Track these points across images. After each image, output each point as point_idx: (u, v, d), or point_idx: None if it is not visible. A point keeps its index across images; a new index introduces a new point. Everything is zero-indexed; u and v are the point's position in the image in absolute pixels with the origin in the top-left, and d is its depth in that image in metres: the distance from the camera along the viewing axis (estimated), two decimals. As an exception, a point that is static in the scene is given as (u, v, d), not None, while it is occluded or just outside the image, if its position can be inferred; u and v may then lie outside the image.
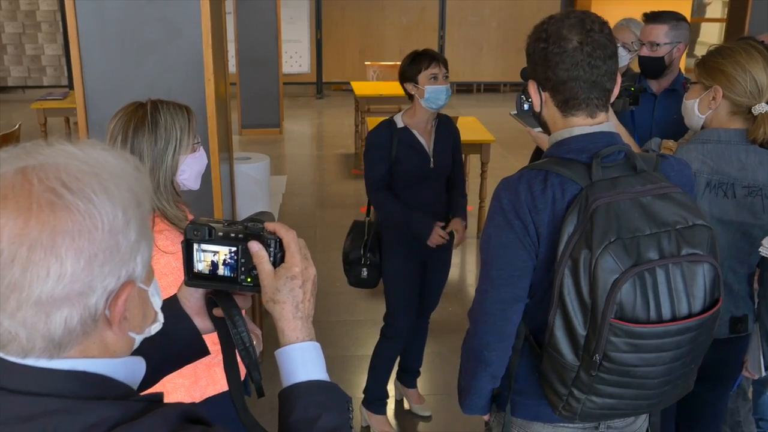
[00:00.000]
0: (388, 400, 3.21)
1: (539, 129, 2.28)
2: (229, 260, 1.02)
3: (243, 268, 1.01)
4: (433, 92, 2.80)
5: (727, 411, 2.42)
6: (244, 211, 3.70)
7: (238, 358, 1.06)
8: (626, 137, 2.13)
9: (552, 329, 1.41)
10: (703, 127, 2.05)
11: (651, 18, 2.83)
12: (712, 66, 1.99)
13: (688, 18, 10.42)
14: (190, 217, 1.82)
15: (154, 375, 1.04)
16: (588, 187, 1.39)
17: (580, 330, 1.38)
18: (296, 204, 5.90)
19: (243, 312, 1.08)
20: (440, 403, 3.34)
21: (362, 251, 2.98)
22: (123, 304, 0.78)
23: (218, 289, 1.06)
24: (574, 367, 1.41)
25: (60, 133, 7.21)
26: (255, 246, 1.00)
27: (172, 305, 1.07)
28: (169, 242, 1.70)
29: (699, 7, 11.42)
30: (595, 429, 1.58)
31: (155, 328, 0.89)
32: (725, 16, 9.76)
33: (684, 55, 2.92)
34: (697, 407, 2.23)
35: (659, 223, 1.36)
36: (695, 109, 2.03)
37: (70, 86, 8.19)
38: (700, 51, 11.56)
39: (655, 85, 2.88)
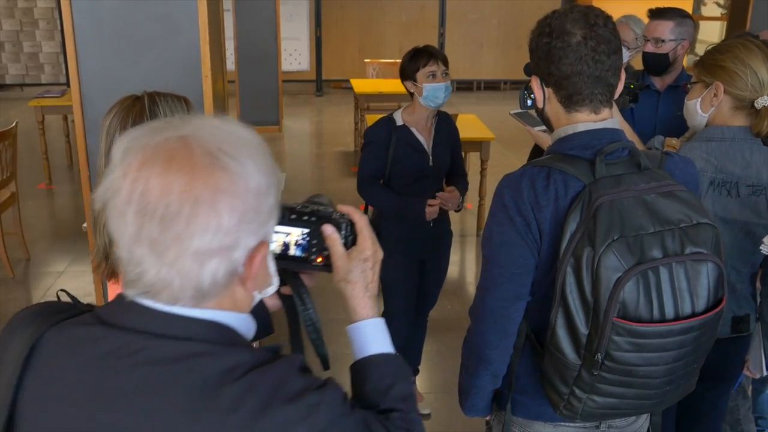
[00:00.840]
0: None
1: (539, 128, 2.27)
2: (301, 241, 1.08)
3: (314, 249, 1.08)
4: (431, 90, 2.77)
5: (727, 409, 2.41)
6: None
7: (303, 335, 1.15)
8: (630, 134, 2.11)
9: (554, 328, 1.40)
10: (706, 126, 2.03)
11: (656, 14, 2.82)
12: (711, 63, 1.97)
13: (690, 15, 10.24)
14: None
15: None
16: (591, 184, 1.37)
17: (582, 329, 1.36)
18: (294, 201, 5.88)
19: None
20: (440, 401, 3.32)
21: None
22: (259, 261, 0.87)
23: (287, 269, 1.10)
24: (576, 366, 1.39)
25: (58, 131, 7.19)
26: (329, 229, 1.07)
27: None
28: None
29: (698, 6, 11.41)
30: (596, 428, 1.56)
31: (270, 290, 0.97)
32: (723, 15, 9.75)
33: (686, 52, 2.91)
34: (697, 406, 2.22)
35: (663, 222, 1.34)
36: (697, 108, 2.02)
37: (68, 84, 8.18)
38: (700, 49, 11.56)
39: (659, 82, 2.87)
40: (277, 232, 1.06)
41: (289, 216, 1.07)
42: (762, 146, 1.95)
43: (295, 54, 10.57)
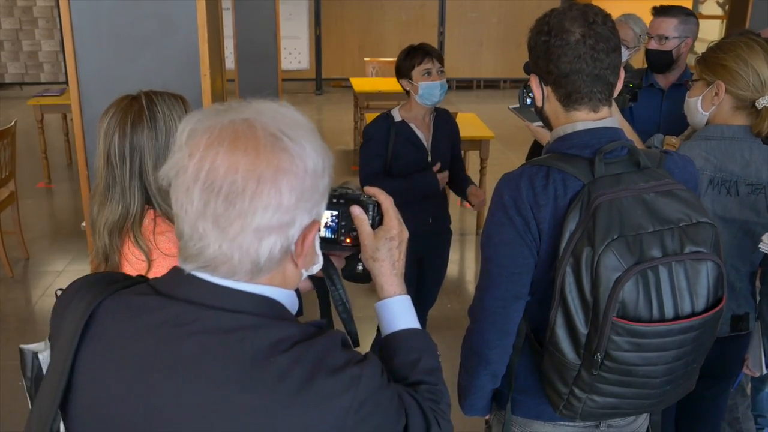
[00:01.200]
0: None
1: (539, 123, 2.26)
2: (330, 223, 1.12)
3: (343, 230, 1.13)
4: (426, 88, 2.76)
5: (726, 408, 2.41)
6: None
7: (333, 314, 1.20)
8: (629, 133, 2.11)
9: (553, 327, 1.40)
10: (706, 124, 2.02)
11: (660, 11, 2.81)
12: (713, 61, 1.96)
13: (689, 14, 10.18)
14: None
15: None
16: (590, 184, 1.37)
17: (582, 328, 1.36)
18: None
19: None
20: (439, 401, 3.32)
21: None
22: (311, 240, 0.92)
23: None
24: (576, 366, 1.39)
25: (57, 130, 7.18)
26: (357, 210, 1.12)
27: None
28: (171, 244, 1.59)
29: (696, 4, 11.40)
30: (596, 428, 1.56)
31: (316, 268, 1.02)
32: (721, 14, 9.74)
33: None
34: (697, 405, 2.21)
35: (662, 221, 1.34)
36: (698, 106, 2.01)
37: (68, 83, 8.17)
38: (699, 48, 11.53)
39: (663, 80, 2.86)
40: None
41: None
42: (761, 145, 1.95)
43: (294, 53, 10.56)
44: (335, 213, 1.12)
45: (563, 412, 1.46)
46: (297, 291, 1.15)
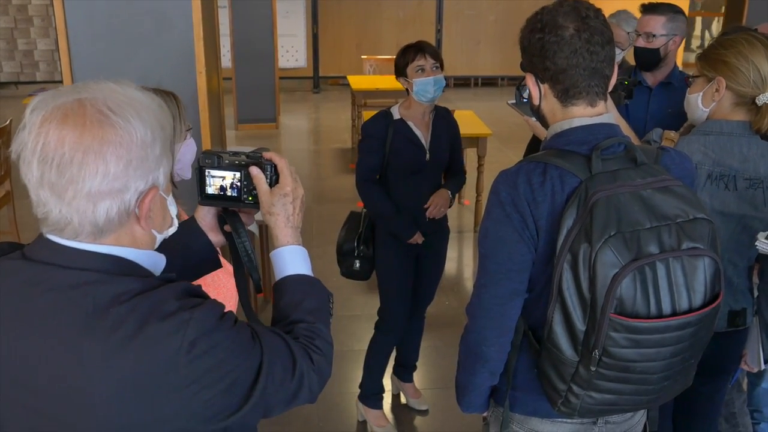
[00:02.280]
0: (384, 395, 3.19)
1: None
2: (236, 183, 1.26)
3: (245, 189, 1.26)
4: (420, 85, 2.76)
5: (723, 403, 2.41)
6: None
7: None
8: (626, 129, 2.11)
9: (551, 324, 1.39)
10: (706, 120, 2.02)
11: (648, 9, 2.80)
12: (714, 58, 1.96)
13: (686, 12, 10.38)
14: (184, 216, 1.78)
15: None
16: (587, 180, 1.36)
17: (580, 325, 1.36)
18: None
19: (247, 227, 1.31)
20: (437, 397, 3.32)
21: (356, 243, 2.95)
22: (149, 203, 1.02)
23: (226, 208, 1.30)
24: (573, 363, 1.39)
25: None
26: (255, 170, 1.25)
27: (190, 223, 1.33)
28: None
29: (694, 2, 11.40)
30: (594, 424, 1.56)
31: (171, 230, 1.13)
32: (719, 11, 9.75)
33: (682, 49, 2.89)
34: (694, 400, 2.21)
35: (660, 217, 1.34)
36: (699, 102, 2.01)
37: (63, 81, 8.14)
38: (695, 45, 11.55)
39: (650, 78, 2.85)
40: (214, 176, 1.26)
41: (223, 161, 1.25)
42: (760, 141, 1.94)
43: (291, 51, 10.55)
44: (237, 174, 1.25)
45: (561, 409, 1.46)
46: (210, 247, 1.33)
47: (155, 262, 1.10)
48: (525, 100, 1.90)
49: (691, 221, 1.35)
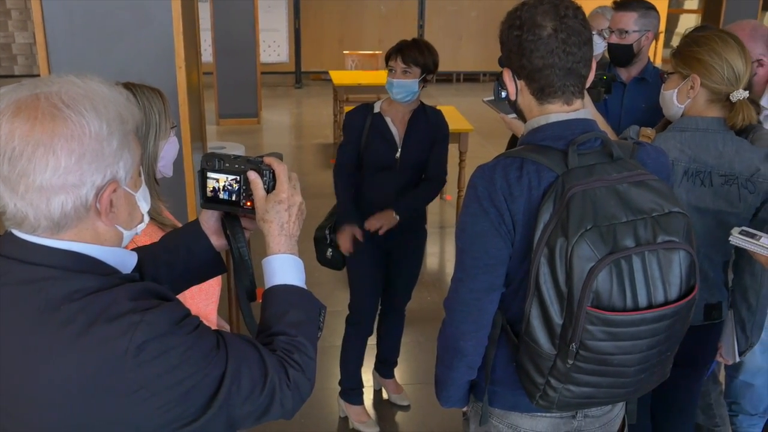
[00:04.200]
0: (365, 390, 3.20)
1: (513, 115, 2.27)
2: (228, 187, 1.24)
3: (243, 194, 1.24)
4: (388, 84, 2.83)
5: (700, 395, 2.44)
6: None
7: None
8: (603, 125, 2.12)
9: (528, 318, 1.40)
10: (681, 116, 2.04)
11: (620, 6, 2.83)
12: (688, 55, 1.98)
13: (666, 9, 10.42)
14: (167, 214, 1.77)
15: (178, 285, 1.31)
16: (564, 175, 1.37)
17: (557, 319, 1.37)
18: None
19: (247, 234, 1.30)
20: (419, 392, 3.33)
21: (327, 231, 2.96)
22: (107, 197, 1.00)
23: (227, 211, 1.28)
24: (551, 357, 1.40)
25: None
26: (252, 175, 1.22)
27: (193, 225, 1.32)
28: (146, 237, 1.57)
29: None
30: (573, 418, 1.57)
31: (141, 227, 1.11)
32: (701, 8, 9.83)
33: (661, 45, 2.92)
34: (672, 393, 2.24)
35: (635, 211, 1.35)
36: (674, 99, 2.03)
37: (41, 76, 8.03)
38: (676, 42, 11.63)
39: (624, 74, 2.88)
40: (209, 178, 1.24)
41: (223, 164, 1.24)
42: (734, 137, 1.97)
43: (273, 46, 10.50)
44: (237, 178, 1.23)
45: (540, 403, 1.47)
46: (212, 250, 1.30)
47: (123, 260, 1.07)
48: (504, 96, 1.89)
49: (667, 215, 1.37)
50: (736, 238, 1.67)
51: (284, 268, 1.21)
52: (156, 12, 2.62)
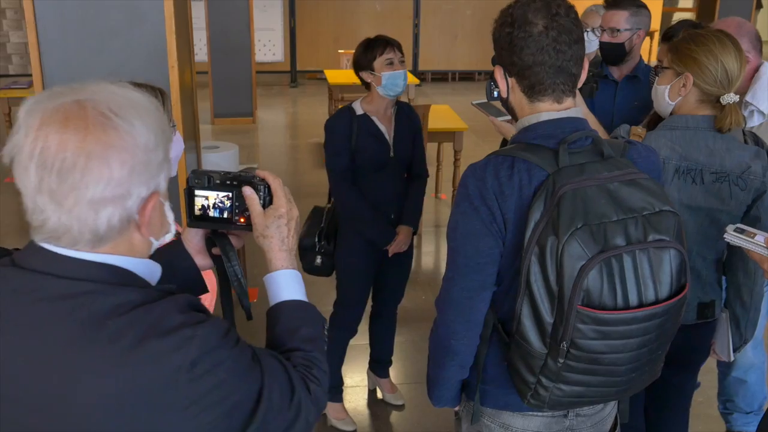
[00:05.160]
0: (360, 389, 3.19)
1: (502, 118, 2.28)
2: (219, 204, 1.20)
3: (236, 210, 1.20)
4: (390, 78, 2.73)
5: (693, 394, 2.44)
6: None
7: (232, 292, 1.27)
8: (594, 123, 2.12)
9: (519, 317, 1.40)
10: (671, 114, 2.05)
11: (611, 4, 2.84)
12: (684, 53, 1.98)
13: (660, 7, 10.46)
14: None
15: None
16: (555, 173, 1.37)
17: (548, 317, 1.36)
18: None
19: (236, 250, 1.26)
20: (413, 391, 3.33)
21: (317, 238, 2.91)
22: (150, 210, 0.98)
23: (215, 230, 1.24)
24: (542, 355, 1.40)
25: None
26: (248, 190, 1.19)
27: (176, 245, 1.27)
28: None
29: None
30: (564, 417, 1.57)
31: (168, 237, 1.08)
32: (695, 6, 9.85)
33: (656, 44, 2.94)
34: (665, 392, 2.24)
35: (626, 209, 1.35)
36: (665, 95, 2.03)
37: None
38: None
39: (616, 72, 2.89)
40: (197, 196, 1.21)
41: (214, 181, 1.20)
42: (724, 134, 1.97)
43: (269, 45, 10.49)
44: (229, 194, 1.20)
45: (531, 402, 1.46)
46: (195, 270, 1.27)
47: (152, 272, 1.05)
48: (496, 95, 1.89)
49: (657, 214, 1.37)
50: (731, 235, 1.67)
51: (289, 284, 1.20)
52: (148, 11, 2.62)
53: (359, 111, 2.82)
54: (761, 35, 2.63)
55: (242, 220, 1.21)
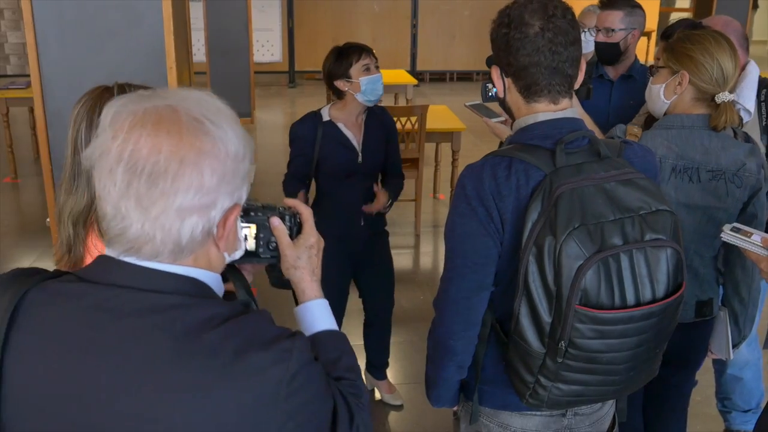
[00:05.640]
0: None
1: (497, 119, 2.29)
2: (250, 235, 1.14)
3: (261, 242, 1.15)
4: (369, 83, 2.68)
5: (691, 393, 2.45)
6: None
7: None
8: (590, 124, 2.13)
9: (517, 317, 1.40)
10: (665, 113, 2.05)
11: (606, 4, 2.86)
12: (680, 51, 1.99)
13: (657, 7, 10.47)
14: None
15: None
16: (552, 174, 1.38)
17: (546, 317, 1.37)
18: (266, 194, 5.84)
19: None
20: (412, 392, 3.33)
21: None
22: (232, 222, 0.95)
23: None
24: (540, 355, 1.40)
25: (24, 124, 7.06)
26: (276, 221, 1.15)
27: None
28: None
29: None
30: (563, 416, 1.57)
31: (238, 254, 1.06)
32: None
33: (653, 44, 2.96)
34: (664, 391, 2.25)
35: (623, 209, 1.36)
36: (661, 93, 2.04)
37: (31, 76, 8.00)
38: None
39: (612, 72, 2.91)
40: None
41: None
42: (719, 133, 1.98)
43: (267, 45, 10.50)
44: (254, 225, 1.14)
45: (529, 401, 1.47)
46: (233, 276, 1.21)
47: (220, 286, 1.01)
48: (491, 96, 1.90)
49: (654, 213, 1.37)
50: (728, 235, 1.67)
51: (323, 314, 1.17)
52: (146, 12, 2.62)
53: (325, 117, 2.78)
54: (758, 34, 2.64)
55: (269, 251, 1.16)
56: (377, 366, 3.28)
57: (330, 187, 2.82)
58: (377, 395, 3.34)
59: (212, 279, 0.97)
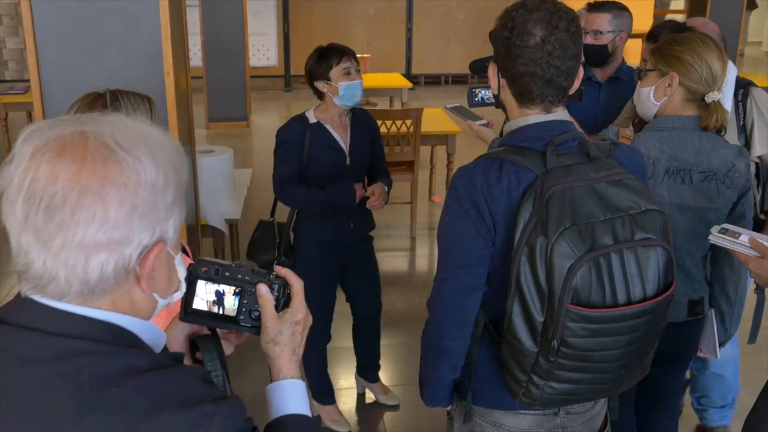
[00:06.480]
0: (349, 392, 3.19)
1: (479, 122, 2.31)
2: (232, 300, 1.05)
3: (244, 309, 1.05)
4: (347, 88, 2.67)
5: (681, 390, 2.47)
6: (207, 205, 3.66)
7: None
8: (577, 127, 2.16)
9: (510, 316, 1.42)
10: (656, 115, 2.08)
11: (594, 7, 2.90)
12: (669, 53, 2.02)
13: (652, 10, 10.50)
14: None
15: None
16: (543, 175, 1.40)
17: (538, 316, 1.39)
18: (262, 197, 5.85)
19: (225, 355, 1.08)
20: (407, 392, 3.34)
21: (276, 253, 2.84)
22: (153, 260, 0.84)
23: (205, 332, 1.08)
24: (533, 354, 1.42)
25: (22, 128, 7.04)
26: (263, 288, 1.05)
27: None
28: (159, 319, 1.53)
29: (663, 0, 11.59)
30: (555, 415, 1.59)
31: (177, 295, 0.95)
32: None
33: (645, 45, 2.99)
34: (656, 389, 2.27)
35: (613, 209, 1.38)
36: (650, 96, 2.06)
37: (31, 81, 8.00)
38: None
39: (600, 74, 2.94)
40: (206, 290, 1.04)
41: (223, 273, 1.05)
42: (709, 134, 2.01)
43: (263, 50, 10.51)
44: (238, 290, 1.05)
45: (522, 400, 1.48)
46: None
47: (155, 338, 0.91)
48: (477, 100, 1.92)
49: (644, 213, 1.40)
50: (716, 237, 1.69)
51: (296, 396, 1.05)
52: (144, 17, 2.64)
53: (312, 119, 2.76)
54: (753, 36, 2.68)
55: (250, 320, 1.06)
56: (368, 369, 3.27)
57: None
58: (369, 398, 3.34)
59: (140, 326, 0.87)
